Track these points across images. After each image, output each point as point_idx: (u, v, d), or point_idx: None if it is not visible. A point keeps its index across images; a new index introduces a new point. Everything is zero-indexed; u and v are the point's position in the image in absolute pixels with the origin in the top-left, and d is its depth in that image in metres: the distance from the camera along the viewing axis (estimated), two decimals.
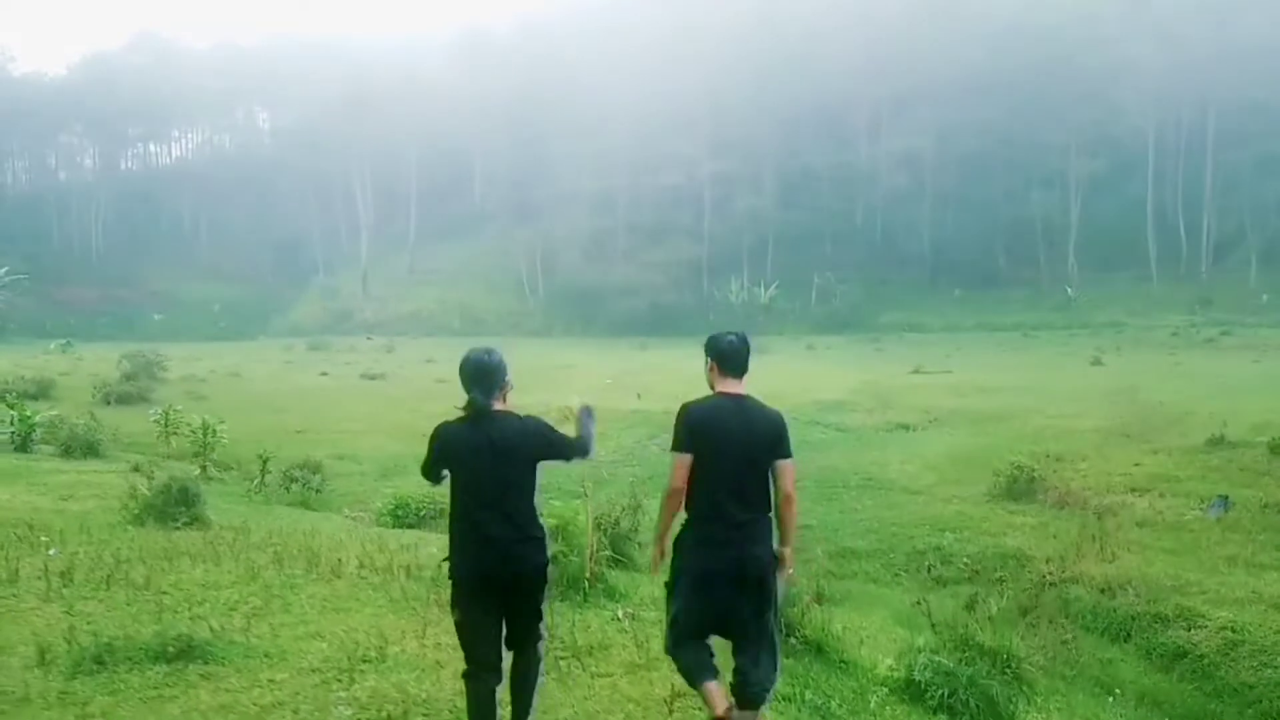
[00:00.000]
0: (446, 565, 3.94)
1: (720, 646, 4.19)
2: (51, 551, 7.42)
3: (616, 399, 25.58)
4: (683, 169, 68.86)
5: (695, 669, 4.09)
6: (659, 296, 65.19)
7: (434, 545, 8.93)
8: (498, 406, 4.00)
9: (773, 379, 30.53)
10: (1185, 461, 15.08)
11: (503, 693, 3.93)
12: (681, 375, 34.07)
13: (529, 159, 75.51)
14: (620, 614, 6.18)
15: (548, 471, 4.09)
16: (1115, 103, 61.30)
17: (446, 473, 3.97)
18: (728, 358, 4.31)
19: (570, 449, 4.08)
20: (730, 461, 4.07)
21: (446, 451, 3.93)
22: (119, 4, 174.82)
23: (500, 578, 3.83)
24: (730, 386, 4.28)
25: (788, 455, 4.18)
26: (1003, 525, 12.58)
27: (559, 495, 15.28)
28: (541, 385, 29.62)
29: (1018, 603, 9.99)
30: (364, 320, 70.87)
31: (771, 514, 4.17)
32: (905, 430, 21.17)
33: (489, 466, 3.84)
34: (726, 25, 73.14)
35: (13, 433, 17.44)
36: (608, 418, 22.85)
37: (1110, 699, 7.46)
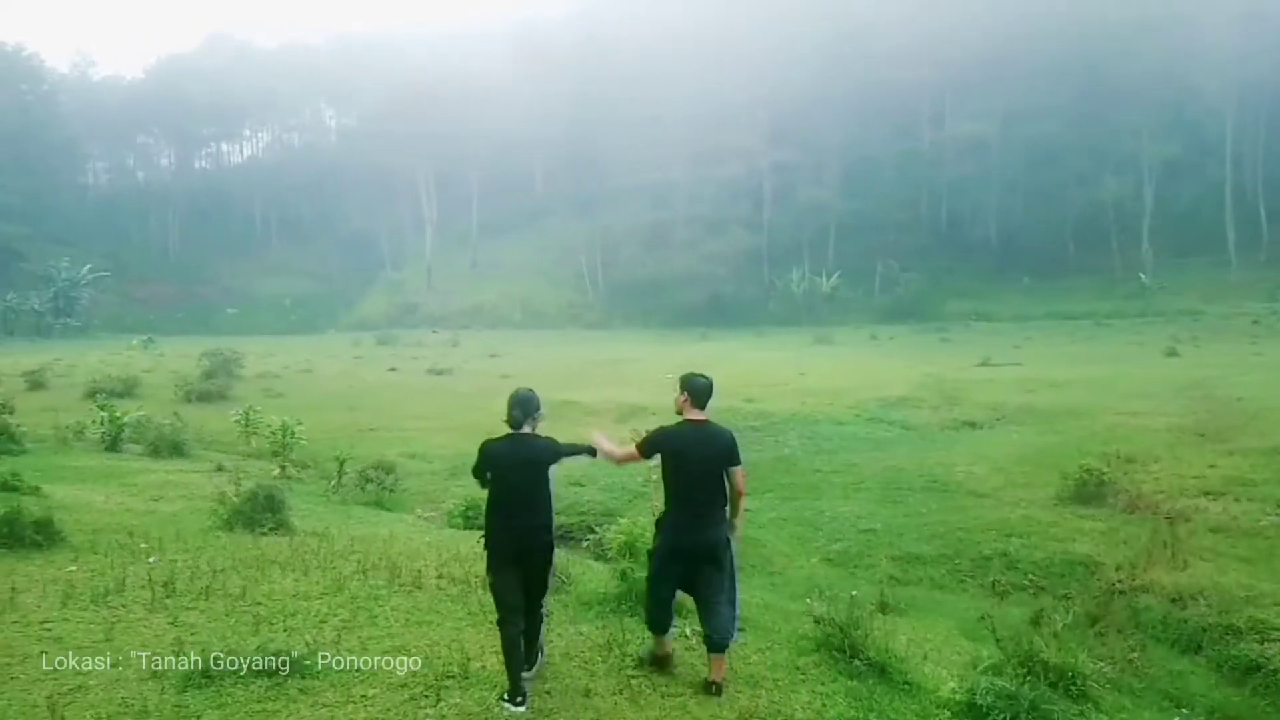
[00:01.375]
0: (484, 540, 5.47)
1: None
2: (152, 560, 7.87)
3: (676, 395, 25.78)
4: (742, 159, 68.63)
5: (658, 622, 5.63)
6: (719, 287, 65.11)
7: None
8: (527, 429, 5.42)
9: (835, 372, 30.45)
10: (1262, 463, 14.69)
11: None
12: (742, 366, 34.21)
13: (589, 153, 75.88)
14: (689, 631, 6.37)
15: (612, 472, 5.57)
16: (1191, 83, 59.37)
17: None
18: (697, 394, 5.65)
19: (570, 452, 5.60)
20: (694, 470, 5.52)
21: (490, 461, 5.41)
22: (191, 6, 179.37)
23: (520, 551, 5.26)
24: (696, 415, 5.65)
25: (737, 463, 5.58)
26: (1071, 531, 12.46)
27: (621, 494, 15.62)
28: (602, 382, 29.96)
29: (1086, 612, 9.96)
30: (429, 314, 72.02)
31: (726, 506, 5.59)
32: (972, 428, 20.90)
33: (519, 473, 5.32)
34: (784, 13, 72.60)
35: (103, 433, 18.28)
36: (669, 416, 23.01)
37: (1179, 714, 7.45)
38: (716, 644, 5.48)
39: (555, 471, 5.48)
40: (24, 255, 74.85)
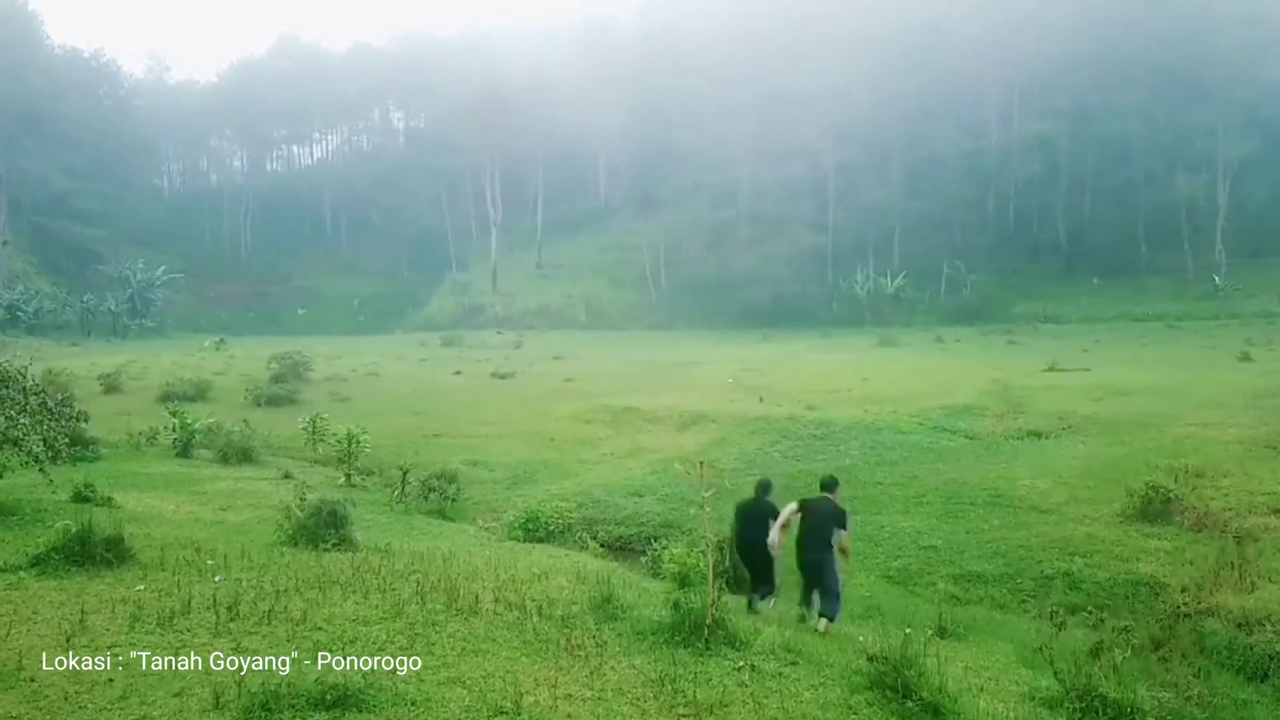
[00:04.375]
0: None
1: None
2: (218, 579, 8.06)
3: (739, 403, 25.64)
4: (806, 159, 68.10)
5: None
6: (782, 288, 64.74)
7: (563, 576, 9.31)
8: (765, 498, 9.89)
9: (899, 378, 30.06)
10: None
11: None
12: (805, 370, 33.99)
13: (652, 152, 76.03)
14: (743, 665, 6.32)
15: (671, 483, 10.78)
16: (1267, 81, 57.59)
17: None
18: (822, 486, 9.50)
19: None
20: (814, 525, 8.99)
21: (740, 513, 9.75)
22: (261, 10, 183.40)
23: (750, 561, 9.66)
24: (827, 495, 9.29)
25: (843, 527, 9.10)
26: (1135, 550, 12.19)
27: (682, 504, 15.53)
28: (663, 386, 29.99)
29: (1149, 636, 9.72)
30: (494, 315, 72.76)
31: (833, 549, 9.02)
32: (1037, 438, 20.49)
33: (754, 522, 9.46)
34: (850, 11, 71.87)
35: (175, 439, 18.84)
36: (730, 424, 23.03)
37: None
38: (826, 616, 8.69)
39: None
40: (101, 257, 77.32)
